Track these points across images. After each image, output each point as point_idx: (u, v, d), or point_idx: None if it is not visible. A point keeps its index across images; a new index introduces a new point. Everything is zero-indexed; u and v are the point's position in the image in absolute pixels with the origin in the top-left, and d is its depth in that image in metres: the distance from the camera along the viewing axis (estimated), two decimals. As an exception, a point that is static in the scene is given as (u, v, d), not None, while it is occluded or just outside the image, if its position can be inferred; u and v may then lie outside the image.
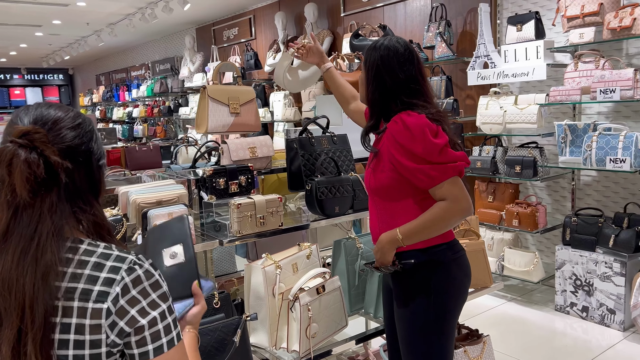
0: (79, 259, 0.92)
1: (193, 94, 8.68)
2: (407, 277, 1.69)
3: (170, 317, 0.95)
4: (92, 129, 1.04)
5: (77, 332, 0.88)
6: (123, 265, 0.92)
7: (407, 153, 1.60)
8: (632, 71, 3.32)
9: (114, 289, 0.89)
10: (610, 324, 3.58)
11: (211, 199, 2.24)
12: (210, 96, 2.35)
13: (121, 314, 0.89)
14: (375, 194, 1.75)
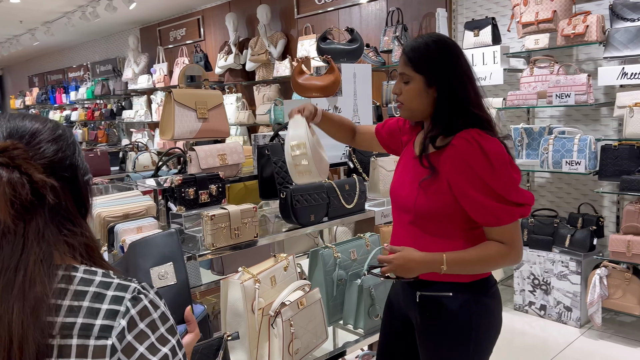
0: (75, 289, 0.79)
1: (137, 97, 8.35)
2: (443, 312, 1.49)
3: (180, 353, 0.84)
4: (74, 141, 0.92)
5: None
6: (126, 294, 0.80)
7: (479, 184, 1.37)
8: (585, 76, 3.44)
9: (118, 322, 0.78)
10: (567, 321, 3.69)
11: (180, 210, 2.10)
12: (176, 100, 2.21)
13: (129, 351, 0.78)
14: (419, 215, 1.49)
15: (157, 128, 8.02)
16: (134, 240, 1.76)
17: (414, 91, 1.48)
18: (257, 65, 6.13)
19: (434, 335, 1.52)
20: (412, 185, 1.51)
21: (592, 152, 3.48)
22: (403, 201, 1.54)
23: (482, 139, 1.39)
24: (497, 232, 1.41)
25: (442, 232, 1.47)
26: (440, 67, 1.44)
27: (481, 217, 1.41)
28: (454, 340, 1.49)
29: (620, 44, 3.29)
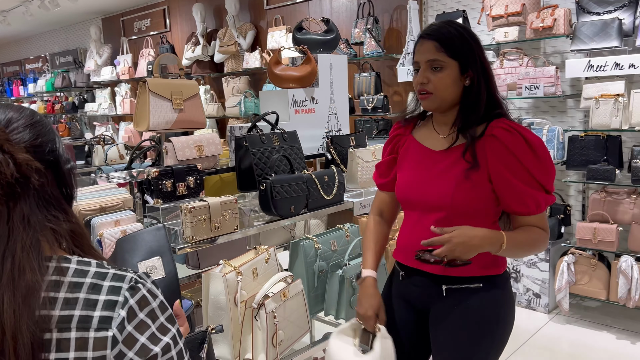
0: (69, 281, 0.76)
1: (101, 89, 8.11)
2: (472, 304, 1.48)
3: (181, 342, 0.83)
4: (53, 129, 0.89)
5: None
6: (123, 284, 0.79)
7: (524, 173, 1.37)
8: (553, 69, 3.53)
9: (117, 313, 0.76)
10: (537, 308, 3.80)
11: (157, 203, 2.05)
12: (151, 91, 2.15)
13: (129, 342, 0.76)
14: (455, 212, 1.43)
15: (122, 121, 7.82)
16: (113, 234, 1.70)
17: (449, 78, 1.41)
18: (225, 57, 6.04)
19: (459, 324, 1.49)
20: (444, 182, 1.45)
21: (560, 142, 3.57)
22: (434, 199, 1.46)
23: (520, 128, 1.40)
24: (536, 219, 1.43)
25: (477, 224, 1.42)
26: (474, 53, 1.40)
27: (524, 206, 1.40)
28: (480, 329, 1.48)
29: (587, 37, 3.38)
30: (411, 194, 1.53)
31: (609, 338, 3.38)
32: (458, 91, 1.44)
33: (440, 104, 1.46)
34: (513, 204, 1.42)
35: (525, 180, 1.38)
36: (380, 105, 4.44)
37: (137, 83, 7.49)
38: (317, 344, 2.06)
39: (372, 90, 4.55)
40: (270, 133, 2.36)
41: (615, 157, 3.38)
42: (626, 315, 3.63)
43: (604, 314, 3.70)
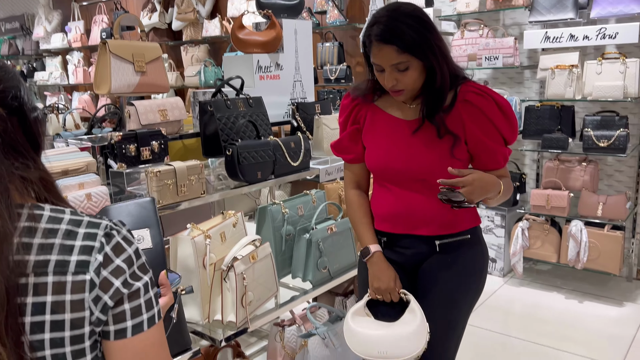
0: (44, 227, 0.76)
1: (51, 57, 7.76)
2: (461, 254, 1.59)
3: (152, 291, 0.83)
4: (17, 76, 0.86)
5: (54, 311, 0.73)
6: (99, 231, 0.79)
7: (493, 132, 1.49)
8: (512, 39, 3.61)
9: (94, 257, 0.76)
10: (492, 272, 3.96)
11: (121, 168, 2.01)
12: (112, 52, 2.08)
13: (105, 286, 0.77)
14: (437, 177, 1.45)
15: (75, 91, 7.53)
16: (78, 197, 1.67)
17: (415, 73, 1.44)
18: (184, 25, 5.88)
19: (453, 276, 1.59)
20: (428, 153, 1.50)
21: (517, 112, 3.68)
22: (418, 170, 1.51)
23: (490, 91, 1.50)
24: (503, 171, 1.57)
25: None
26: (430, 43, 1.41)
27: (496, 163, 1.54)
28: (470, 278, 1.61)
29: (544, 8, 3.47)
30: (391, 165, 1.56)
31: (558, 298, 3.57)
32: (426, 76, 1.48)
33: (412, 94, 1.53)
34: (488, 163, 1.54)
35: (496, 140, 1.51)
36: (343, 75, 4.44)
37: (90, 51, 7.23)
38: (284, 305, 2.09)
39: (335, 60, 4.54)
40: (235, 98, 2.33)
41: (568, 126, 3.52)
42: (575, 277, 3.84)
43: (554, 277, 3.90)
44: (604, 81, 3.29)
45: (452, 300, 1.60)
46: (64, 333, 0.74)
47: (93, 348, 0.78)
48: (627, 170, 3.72)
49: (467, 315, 1.65)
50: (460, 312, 1.62)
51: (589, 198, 3.47)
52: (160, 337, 0.84)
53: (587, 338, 3.06)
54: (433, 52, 1.42)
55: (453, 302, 1.61)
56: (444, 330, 1.61)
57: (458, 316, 1.62)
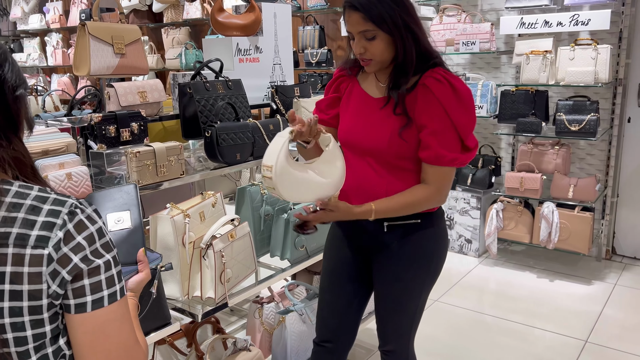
0: (10, 201, 0.80)
1: (29, 39, 7.64)
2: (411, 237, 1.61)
3: (114, 269, 0.86)
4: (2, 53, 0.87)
5: (12, 281, 0.77)
6: (63, 208, 0.82)
7: (443, 120, 1.44)
8: (489, 25, 3.68)
9: (55, 234, 0.79)
10: (468, 252, 4.07)
11: (101, 148, 2.04)
12: (91, 34, 2.09)
13: (64, 261, 0.80)
14: (393, 156, 1.53)
15: (54, 73, 7.44)
16: (58, 176, 1.70)
17: (382, 43, 1.46)
18: (164, 7, 5.83)
19: (401, 257, 1.62)
20: (382, 130, 1.53)
21: (493, 97, 3.77)
22: (372, 145, 1.55)
23: (451, 77, 1.47)
24: (431, 170, 1.50)
25: (411, 167, 1.54)
26: (396, 15, 1.43)
27: (425, 152, 1.48)
28: (419, 261, 1.63)
29: (520, -5, 3.53)
30: (351, 137, 1.61)
31: (530, 277, 3.70)
32: (394, 50, 1.49)
33: (381, 66, 1.54)
34: (420, 149, 1.50)
35: (437, 130, 1.45)
36: (324, 59, 4.48)
37: (69, 32, 7.13)
38: (262, 282, 2.16)
39: (316, 44, 4.57)
40: (214, 81, 2.36)
41: (542, 110, 3.62)
42: (547, 257, 3.97)
43: (527, 257, 4.02)
44: (576, 67, 3.38)
45: (401, 280, 1.63)
46: (22, 303, 0.78)
47: (53, 319, 0.82)
48: (598, 154, 3.84)
49: (419, 295, 1.67)
50: (411, 293, 1.65)
51: (561, 180, 3.58)
52: (121, 314, 0.86)
53: (556, 314, 3.18)
54: (397, 25, 1.43)
55: (402, 283, 1.64)
56: (394, 309, 1.67)
57: (408, 297, 1.65)
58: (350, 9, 1.46)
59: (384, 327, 1.70)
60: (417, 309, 1.68)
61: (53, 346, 0.83)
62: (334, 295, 1.79)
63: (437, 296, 3.41)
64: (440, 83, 1.45)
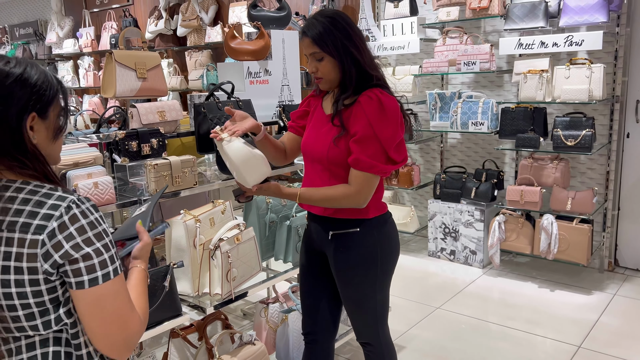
0: (23, 197, 1.03)
1: (63, 62, 8.12)
2: (353, 245, 1.79)
3: (106, 254, 1.05)
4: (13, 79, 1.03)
5: (16, 259, 1.00)
6: (63, 203, 1.03)
7: (366, 129, 1.63)
8: (488, 46, 3.88)
9: (50, 224, 1.01)
10: (473, 263, 4.22)
11: (124, 161, 2.31)
12: (117, 61, 2.38)
13: (56, 247, 1.01)
14: (332, 164, 1.74)
15: (85, 94, 7.88)
16: (86, 185, 1.97)
17: (329, 64, 1.69)
18: (188, 31, 6.20)
19: (347, 264, 1.81)
20: (325, 140, 1.75)
21: (494, 114, 3.95)
22: (317, 154, 1.77)
23: (382, 96, 1.66)
24: (352, 174, 1.70)
25: (343, 174, 1.73)
26: (338, 42, 1.65)
27: (350, 158, 1.68)
28: (364, 266, 1.81)
29: (518, 17, 3.73)
30: (305, 147, 1.85)
31: (532, 287, 3.83)
32: (341, 71, 1.71)
33: (331, 85, 1.76)
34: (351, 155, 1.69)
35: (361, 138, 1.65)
36: (335, 79, 4.72)
37: (100, 56, 7.57)
38: (267, 282, 2.38)
39: (327, 64, 4.82)
40: (226, 101, 2.62)
41: (540, 126, 3.78)
42: (550, 269, 4.09)
43: (531, 268, 4.15)
44: (571, 85, 3.55)
45: (351, 284, 1.83)
46: (24, 276, 1.01)
47: (50, 291, 1.03)
48: (598, 168, 3.97)
49: (373, 295, 1.83)
50: (365, 294, 1.83)
51: (560, 193, 3.72)
52: (115, 289, 1.06)
53: (554, 322, 3.31)
54: (337, 49, 1.66)
55: (353, 287, 1.83)
56: (354, 309, 1.88)
57: (363, 298, 1.84)
58: (303, 34, 1.72)
59: (353, 323, 1.93)
60: (376, 305, 1.85)
61: (54, 314, 1.05)
62: (305, 294, 2.01)
63: (439, 304, 3.57)
64: (371, 100, 1.65)
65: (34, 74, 1.06)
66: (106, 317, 1.05)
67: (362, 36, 1.73)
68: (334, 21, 1.67)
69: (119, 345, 1.08)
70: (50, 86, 1.09)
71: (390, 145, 1.66)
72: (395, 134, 1.66)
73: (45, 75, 1.08)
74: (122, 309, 1.07)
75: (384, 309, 1.90)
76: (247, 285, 2.31)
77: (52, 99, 1.09)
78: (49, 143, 1.11)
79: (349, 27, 1.68)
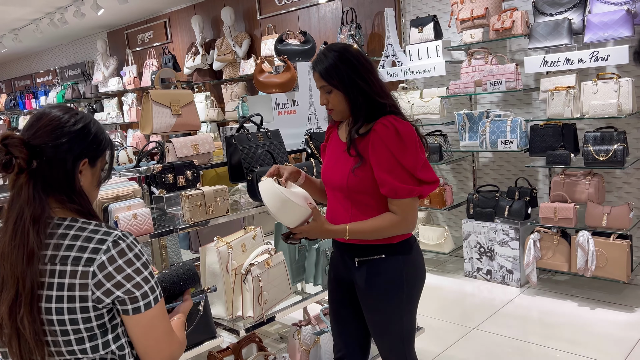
0: (73, 233, 1.16)
1: (108, 99, 8.58)
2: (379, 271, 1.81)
3: (152, 281, 1.20)
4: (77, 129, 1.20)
5: (69, 289, 1.13)
6: (109, 238, 1.16)
7: (390, 160, 1.69)
8: (513, 66, 3.91)
9: (99, 256, 1.13)
10: (510, 282, 4.18)
11: (162, 193, 2.47)
12: (153, 100, 2.57)
13: (108, 277, 1.14)
14: (352, 191, 1.78)
15: (129, 129, 8.27)
16: (126, 216, 2.12)
17: (338, 96, 1.77)
18: (223, 65, 6.47)
19: (372, 290, 1.84)
20: (344, 168, 1.80)
21: (522, 132, 3.95)
22: (337, 182, 1.82)
23: (397, 122, 1.71)
24: (394, 204, 1.74)
25: (368, 202, 1.78)
26: (344, 75, 1.73)
27: (384, 190, 1.72)
28: (390, 291, 1.83)
29: (541, 36, 3.76)
30: (325, 175, 1.91)
31: (572, 306, 3.76)
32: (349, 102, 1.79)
33: (342, 115, 1.83)
34: (380, 187, 1.74)
35: (388, 168, 1.70)
36: (364, 104, 4.83)
37: (142, 92, 7.97)
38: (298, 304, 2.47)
39: (357, 90, 4.95)
40: (255, 132, 2.77)
41: (570, 142, 3.76)
42: (590, 286, 4.01)
43: (570, 286, 4.07)
44: (599, 100, 3.54)
45: (377, 310, 1.86)
46: (75, 304, 1.13)
47: (98, 318, 1.15)
48: (635, 182, 3.90)
49: (399, 320, 1.86)
50: (391, 320, 1.85)
51: (594, 209, 3.67)
52: (162, 311, 1.22)
53: (596, 341, 3.24)
54: (342, 81, 1.74)
55: (379, 313, 1.86)
56: (380, 334, 1.91)
57: (389, 323, 1.86)
58: (312, 69, 1.82)
59: (379, 348, 1.95)
60: (402, 330, 1.87)
61: (102, 339, 1.17)
62: (335, 319, 2.05)
63: (476, 324, 3.56)
64: (387, 128, 1.70)
65: (94, 128, 1.24)
66: (158, 336, 1.21)
67: (371, 67, 1.79)
68: (341, 55, 1.75)
69: None
70: (104, 141, 1.26)
71: (415, 168, 1.70)
72: (416, 157, 1.71)
73: (102, 132, 1.26)
74: (167, 327, 1.24)
75: (410, 334, 1.92)
76: (279, 308, 2.40)
77: (102, 152, 1.27)
78: (92, 188, 1.27)
79: (355, 60, 1.75)
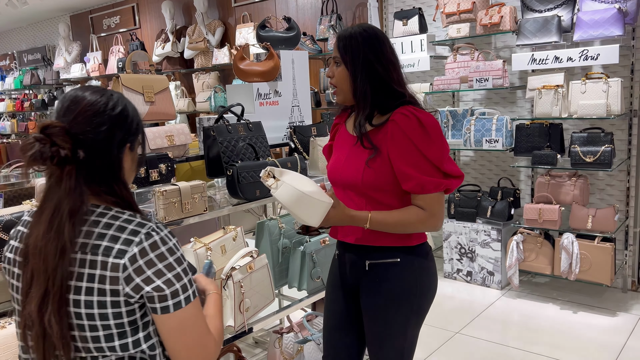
0: (105, 221, 1.07)
1: (71, 86, 8.14)
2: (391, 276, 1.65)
3: (185, 278, 1.09)
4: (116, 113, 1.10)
5: (100, 281, 1.03)
6: (142, 230, 1.06)
7: (415, 153, 1.53)
8: (501, 62, 3.81)
9: (131, 249, 1.04)
10: (490, 284, 4.09)
11: (132, 188, 2.23)
12: (124, 85, 2.33)
13: (138, 272, 1.04)
14: (367, 188, 1.61)
15: (93, 118, 7.88)
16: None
17: (344, 71, 1.61)
18: (195, 53, 6.19)
19: (379, 298, 1.66)
20: (357, 162, 1.62)
21: (508, 130, 3.86)
22: (350, 179, 1.64)
23: (418, 113, 1.55)
24: (421, 199, 1.57)
25: (386, 198, 1.60)
26: (363, 54, 1.57)
27: (408, 184, 1.55)
28: (399, 301, 1.64)
29: (530, 32, 3.66)
30: (333, 174, 1.72)
31: (554, 309, 3.69)
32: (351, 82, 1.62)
33: (344, 97, 1.66)
34: (402, 182, 1.57)
35: (415, 160, 1.53)
36: (344, 98, 4.66)
37: (107, 80, 7.59)
38: (281, 312, 2.28)
39: (336, 84, 4.77)
40: (236, 123, 2.55)
41: (557, 143, 3.68)
42: (571, 289, 3.95)
43: (551, 289, 4.01)
44: (588, 100, 3.46)
45: (383, 318, 1.67)
46: (106, 298, 1.03)
47: (129, 314, 1.06)
48: (618, 184, 3.86)
49: (404, 333, 1.68)
50: (395, 331, 1.67)
51: (579, 211, 3.61)
52: (195, 312, 1.10)
53: (579, 346, 3.17)
54: (355, 60, 1.58)
55: (384, 321, 1.67)
56: (380, 346, 1.70)
57: (391, 335, 1.68)
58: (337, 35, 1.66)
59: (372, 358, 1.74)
60: (404, 346, 1.69)
61: (132, 337, 1.07)
62: (329, 330, 1.86)
63: (458, 328, 3.44)
64: (408, 118, 1.54)
65: (130, 109, 1.15)
66: (189, 341, 1.10)
67: (395, 59, 1.62)
68: (364, 35, 1.59)
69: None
70: (138, 121, 1.18)
71: (441, 161, 1.55)
72: (442, 149, 1.56)
73: (136, 112, 1.18)
74: (201, 331, 1.12)
75: (411, 350, 1.73)
76: (262, 316, 2.20)
77: (138, 132, 1.18)
78: (130, 173, 1.19)
79: (380, 45, 1.59)
